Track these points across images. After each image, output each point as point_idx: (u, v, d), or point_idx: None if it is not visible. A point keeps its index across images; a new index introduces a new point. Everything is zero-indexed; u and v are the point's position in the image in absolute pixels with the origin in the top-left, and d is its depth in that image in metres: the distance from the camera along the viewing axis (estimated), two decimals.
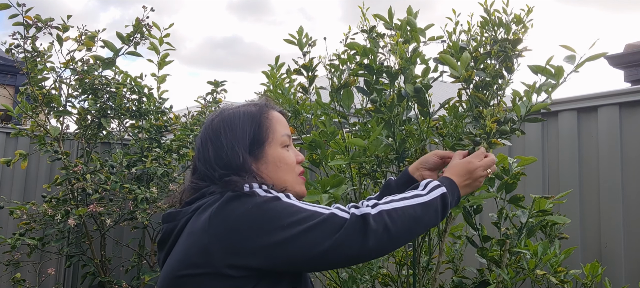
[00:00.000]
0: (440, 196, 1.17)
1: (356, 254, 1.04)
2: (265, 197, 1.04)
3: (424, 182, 1.21)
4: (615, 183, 2.54)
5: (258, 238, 0.99)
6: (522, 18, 1.87)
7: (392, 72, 1.92)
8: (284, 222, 1.01)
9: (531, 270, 2.01)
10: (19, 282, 3.65)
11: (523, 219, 1.98)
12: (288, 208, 1.03)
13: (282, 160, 1.18)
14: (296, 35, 2.27)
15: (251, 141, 1.15)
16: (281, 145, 1.19)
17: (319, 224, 1.02)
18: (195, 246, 1.02)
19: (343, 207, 1.08)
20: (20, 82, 3.89)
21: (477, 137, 1.56)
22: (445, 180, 1.23)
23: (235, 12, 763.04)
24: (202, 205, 1.07)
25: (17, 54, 3.36)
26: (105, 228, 3.69)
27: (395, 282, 2.26)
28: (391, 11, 1.99)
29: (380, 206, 1.08)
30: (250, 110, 1.20)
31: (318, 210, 1.05)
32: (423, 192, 1.16)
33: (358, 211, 1.06)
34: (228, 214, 1.02)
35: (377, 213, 1.06)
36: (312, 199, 1.66)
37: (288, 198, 1.06)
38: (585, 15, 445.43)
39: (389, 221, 1.06)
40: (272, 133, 1.17)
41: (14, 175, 4.23)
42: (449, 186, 1.21)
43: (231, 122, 1.16)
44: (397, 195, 1.14)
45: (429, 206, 1.14)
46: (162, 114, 3.98)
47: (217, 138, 1.15)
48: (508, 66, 1.87)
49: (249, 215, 1.01)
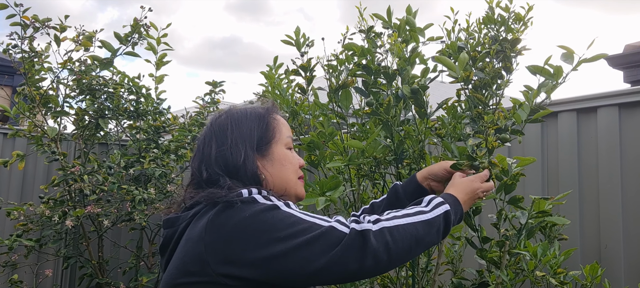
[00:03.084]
0: (443, 214, 1.14)
1: (353, 272, 0.99)
2: (263, 205, 1.01)
3: (428, 198, 1.18)
4: (614, 185, 2.54)
5: (254, 250, 0.96)
6: (523, 16, 1.86)
7: (390, 73, 1.91)
8: (281, 233, 0.97)
9: (531, 271, 2.00)
10: (16, 284, 3.63)
11: (522, 220, 1.97)
12: (286, 218, 1.00)
13: (288, 159, 1.19)
14: (294, 36, 2.26)
15: (259, 138, 1.15)
16: (286, 146, 1.20)
17: (316, 238, 0.98)
18: (191, 254, 1.00)
19: (343, 219, 1.04)
20: (18, 82, 3.87)
21: (476, 160, 1.55)
22: (449, 197, 1.21)
23: (233, 12, 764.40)
24: (200, 211, 1.05)
25: (14, 54, 3.35)
26: (102, 230, 3.68)
27: (394, 284, 2.24)
28: (390, 10, 1.98)
29: (382, 222, 1.04)
30: (258, 110, 1.21)
31: (317, 222, 1.01)
32: (426, 209, 1.13)
33: (358, 227, 1.01)
34: (224, 222, 0.99)
35: (378, 231, 1.02)
36: (309, 203, 1.65)
37: (287, 206, 1.03)
38: (584, 16, 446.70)
39: (391, 240, 1.02)
40: (278, 133, 1.19)
41: (11, 176, 4.21)
42: (453, 204, 1.19)
43: (239, 120, 1.17)
44: (400, 211, 1.11)
45: (432, 225, 1.11)
46: (160, 115, 3.96)
47: (223, 133, 1.14)
48: (507, 66, 1.86)
49: (245, 225, 0.98)
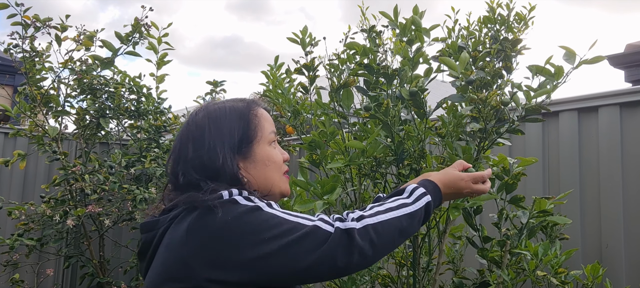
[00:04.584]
0: (425, 205, 1.14)
1: (340, 269, 1.00)
2: (245, 207, 0.99)
3: (410, 188, 1.16)
4: (616, 184, 2.54)
5: (238, 253, 0.95)
6: (524, 15, 1.86)
7: (389, 74, 1.91)
8: (265, 235, 0.96)
9: (532, 271, 2.00)
10: (17, 283, 3.63)
11: (523, 220, 1.97)
12: (269, 219, 0.98)
13: (270, 158, 1.13)
14: (299, 34, 2.26)
15: (240, 139, 1.10)
16: (268, 143, 1.14)
17: (301, 238, 0.97)
18: (173, 259, 0.98)
19: (327, 218, 1.04)
20: (19, 82, 3.88)
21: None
22: (430, 185, 1.19)
23: (234, 11, 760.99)
24: (179, 215, 1.02)
25: (15, 53, 3.35)
26: (103, 229, 3.68)
27: (395, 283, 2.24)
28: (397, 9, 1.98)
29: (366, 220, 1.04)
30: (237, 106, 1.15)
31: (301, 221, 1.00)
32: (409, 201, 1.12)
33: (343, 225, 1.01)
34: (206, 226, 0.97)
35: (362, 228, 1.02)
36: (306, 208, 1.65)
37: (270, 207, 1.01)
38: (586, 15, 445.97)
39: (375, 236, 1.03)
40: (260, 131, 1.13)
41: (12, 176, 4.22)
42: (433, 192, 1.18)
43: (217, 119, 1.11)
44: (383, 204, 1.10)
45: (414, 216, 1.11)
46: (161, 114, 3.97)
47: (201, 134, 1.09)
48: (507, 65, 1.86)
49: (228, 228, 0.96)
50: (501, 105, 1.73)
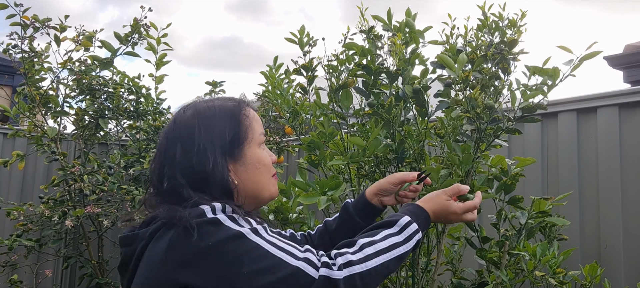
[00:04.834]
0: (415, 243, 1.08)
1: None
2: (227, 233, 0.93)
3: (402, 222, 1.08)
4: (614, 184, 2.54)
5: (214, 282, 0.91)
6: (516, 22, 1.87)
7: (392, 73, 1.92)
8: (244, 269, 0.91)
9: (530, 271, 2.01)
10: (16, 284, 3.63)
11: (522, 220, 1.98)
12: (251, 251, 0.93)
13: (260, 161, 1.09)
14: (297, 34, 2.26)
15: (231, 140, 1.05)
16: (259, 145, 1.10)
17: (281, 280, 0.92)
18: (152, 279, 0.95)
19: (314, 255, 0.98)
20: (18, 82, 3.87)
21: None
22: (422, 216, 1.14)
23: (234, 12, 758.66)
24: (159, 230, 0.97)
25: (14, 54, 3.35)
26: (102, 230, 3.68)
27: (394, 284, 2.24)
28: (390, 12, 1.99)
29: (354, 267, 0.98)
30: (227, 105, 1.09)
31: (284, 259, 0.94)
32: (400, 239, 1.06)
33: (328, 273, 0.96)
34: (185, 247, 0.92)
35: (348, 277, 0.97)
36: (309, 202, 1.65)
37: (255, 233, 0.95)
38: (585, 16, 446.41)
39: (361, 285, 0.98)
40: (251, 132, 1.09)
41: (11, 176, 4.21)
42: (424, 224, 1.13)
43: (207, 119, 1.05)
44: (374, 244, 1.03)
45: (403, 258, 1.06)
46: (160, 115, 3.96)
47: (190, 135, 1.03)
48: (504, 67, 1.87)
49: (207, 256, 0.91)
50: (487, 110, 1.73)
